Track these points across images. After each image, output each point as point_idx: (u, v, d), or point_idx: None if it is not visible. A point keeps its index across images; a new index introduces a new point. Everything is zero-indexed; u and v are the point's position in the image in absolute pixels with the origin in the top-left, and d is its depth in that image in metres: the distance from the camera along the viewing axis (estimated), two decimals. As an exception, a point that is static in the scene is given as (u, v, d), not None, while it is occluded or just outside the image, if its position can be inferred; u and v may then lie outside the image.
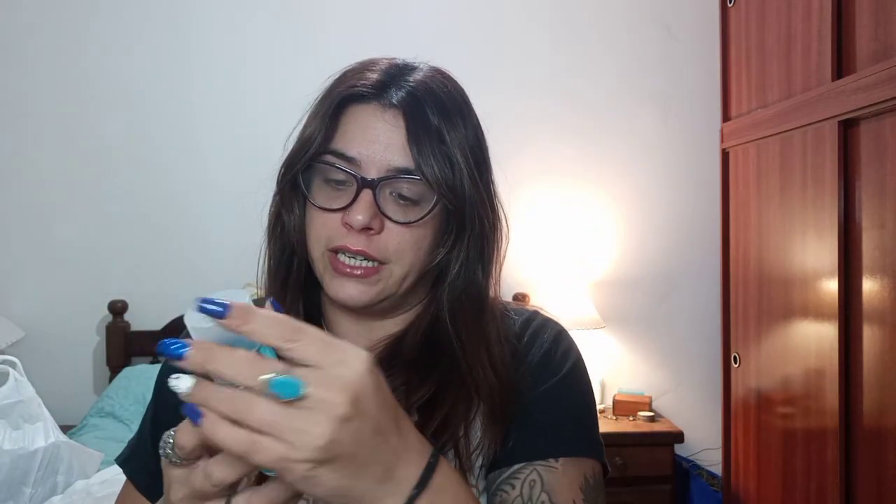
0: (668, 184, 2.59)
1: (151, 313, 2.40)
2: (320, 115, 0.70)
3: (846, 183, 1.63)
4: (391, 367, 0.71)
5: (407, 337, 0.74)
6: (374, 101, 0.69)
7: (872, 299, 1.55)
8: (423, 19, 2.52)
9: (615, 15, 2.59)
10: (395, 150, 0.68)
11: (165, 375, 0.79)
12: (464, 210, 0.70)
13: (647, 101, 2.59)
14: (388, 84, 0.70)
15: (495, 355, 0.70)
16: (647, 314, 2.54)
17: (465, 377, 0.70)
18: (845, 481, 1.63)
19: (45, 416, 1.66)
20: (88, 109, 2.45)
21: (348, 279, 0.68)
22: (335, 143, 0.69)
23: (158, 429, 0.77)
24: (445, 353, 0.71)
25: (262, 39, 2.46)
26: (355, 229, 0.67)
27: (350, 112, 0.69)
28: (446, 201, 0.69)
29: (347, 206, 0.67)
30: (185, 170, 2.44)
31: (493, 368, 0.70)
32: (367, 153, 0.68)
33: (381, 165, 0.68)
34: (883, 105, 1.48)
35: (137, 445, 0.80)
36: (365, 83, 0.70)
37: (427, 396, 0.68)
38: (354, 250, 0.67)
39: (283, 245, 0.74)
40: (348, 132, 0.69)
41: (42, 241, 2.44)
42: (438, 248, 0.72)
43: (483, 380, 0.69)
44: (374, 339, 0.75)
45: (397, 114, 0.68)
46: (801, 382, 1.83)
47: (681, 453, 2.42)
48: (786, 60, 1.89)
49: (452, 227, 0.71)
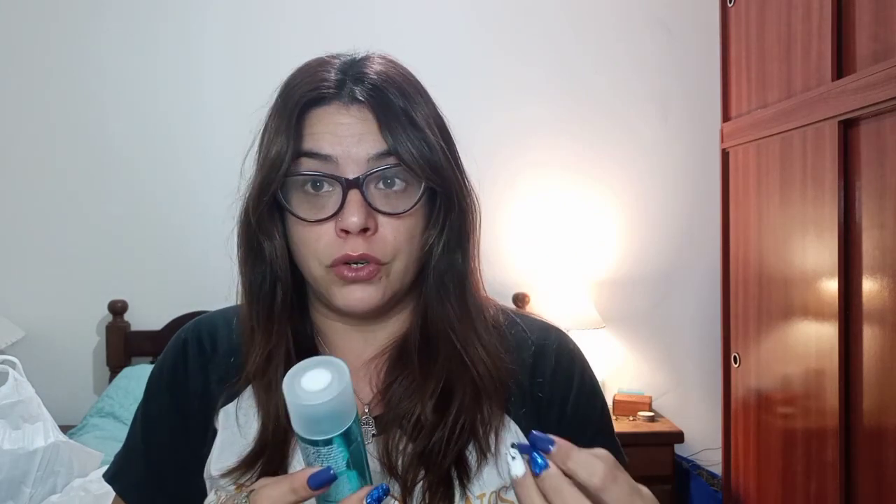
0: (668, 183, 2.59)
1: (151, 313, 2.40)
2: (283, 128, 0.66)
3: (846, 183, 1.63)
4: (400, 368, 0.71)
5: (409, 337, 0.73)
6: (335, 101, 0.67)
7: (872, 299, 1.55)
8: (422, 19, 2.52)
9: (615, 15, 2.59)
10: (368, 142, 0.66)
11: (158, 374, 0.78)
12: (448, 189, 0.69)
13: (647, 101, 2.59)
14: (345, 80, 0.68)
15: (482, 335, 0.71)
16: (647, 314, 2.54)
17: (465, 362, 0.70)
18: (845, 481, 1.63)
19: (44, 416, 1.66)
20: (89, 109, 2.46)
21: (354, 285, 0.67)
22: (306, 152, 0.66)
23: (150, 426, 0.76)
24: (443, 342, 0.71)
25: (268, 40, 2.46)
26: (353, 233, 0.65)
27: (313, 116, 0.67)
28: (432, 183, 0.68)
29: (337, 212, 0.65)
30: (185, 169, 2.44)
31: (483, 347, 0.70)
32: (341, 150, 0.65)
33: (359, 161, 0.66)
34: (883, 105, 1.48)
35: (126, 458, 0.78)
36: (322, 84, 0.68)
37: (438, 391, 0.68)
38: (356, 256, 0.65)
39: (263, 275, 0.71)
40: (316, 135, 0.66)
41: (42, 241, 2.44)
42: (429, 232, 0.71)
43: (478, 358, 0.70)
44: (377, 346, 0.75)
45: (362, 107, 0.67)
46: (801, 382, 1.83)
47: (681, 453, 2.42)
48: (786, 60, 1.89)
49: (440, 208, 0.70)
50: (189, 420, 0.74)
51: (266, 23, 2.49)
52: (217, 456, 0.71)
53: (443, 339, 0.71)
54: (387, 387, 0.71)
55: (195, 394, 0.75)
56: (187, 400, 0.75)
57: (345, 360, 0.75)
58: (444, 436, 0.66)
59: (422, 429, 0.67)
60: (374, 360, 0.74)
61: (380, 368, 0.73)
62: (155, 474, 0.75)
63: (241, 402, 0.73)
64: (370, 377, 0.73)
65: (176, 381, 0.76)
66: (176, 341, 0.78)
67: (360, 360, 0.75)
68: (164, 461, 0.75)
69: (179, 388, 0.75)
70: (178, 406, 0.75)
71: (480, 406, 0.68)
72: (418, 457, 0.66)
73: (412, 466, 0.65)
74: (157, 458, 0.75)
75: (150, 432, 0.76)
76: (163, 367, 0.78)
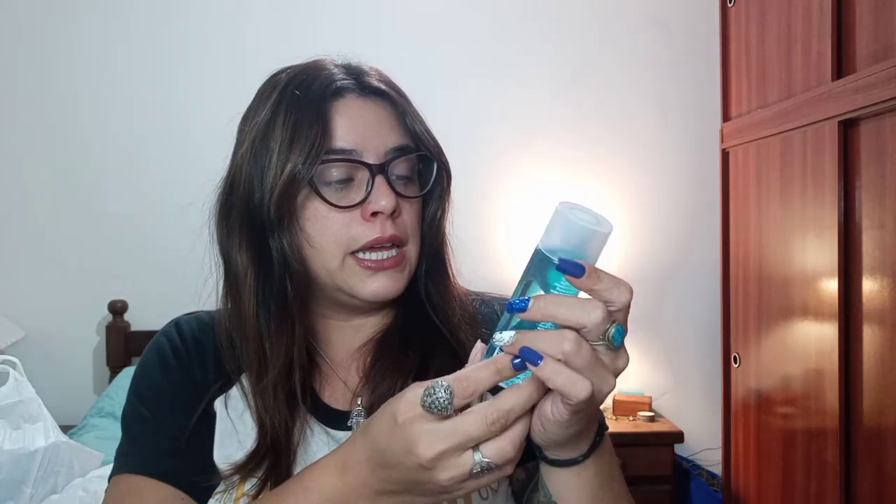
0: (668, 184, 2.59)
1: (151, 313, 2.40)
2: (305, 119, 0.67)
3: (846, 183, 1.63)
4: (383, 351, 0.74)
5: (394, 323, 0.76)
6: (350, 93, 0.70)
7: (872, 299, 1.55)
8: (421, 18, 2.52)
9: (615, 15, 2.59)
10: (386, 132, 0.69)
11: (145, 366, 0.75)
12: (449, 172, 0.74)
13: (647, 101, 2.59)
14: (355, 74, 0.72)
15: (458, 307, 0.74)
16: (647, 314, 2.54)
17: (443, 335, 0.72)
18: (845, 481, 1.63)
19: (45, 416, 1.66)
20: (89, 108, 2.45)
21: (381, 274, 0.69)
22: (330, 143, 0.68)
23: (150, 404, 0.72)
24: (422, 319, 0.74)
25: (260, 36, 2.46)
26: (385, 214, 0.67)
27: (332, 108, 0.69)
28: (444, 167, 0.73)
29: (365, 199, 0.67)
30: (185, 169, 2.44)
31: (460, 317, 0.73)
32: (362, 142, 0.68)
33: (379, 151, 0.69)
34: (883, 105, 1.48)
35: (131, 442, 0.72)
36: (337, 77, 0.70)
37: (415, 365, 0.71)
38: (388, 237, 0.68)
39: (269, 271, 0.70)
40: (337, 128, 0.68)
41: (42, 241, 2.43)
42: (435, 212, 0.75)
43: (457, 327, 0.73)
44: (366, 335, 0.77)
45: (376, 98, 0.71)
46: (801, 382, 1.83)
47: (681, 453, 2.42)
48: (786, 60, 1.89)
49: (443, 190, 0.75)
50: (186, 399, 0.72)
51: (263, 19, 2.49)
52: (218, 444, 0.71)
53: (422, 315, 0.74)
54: (370, 370, 0.73)
55: (190, 378, 0.74)
56: (183, 383, 0.73)
57: (336, 352, 0.77)
58: None
59: None
60: (362, 348, 0.76)
61: (367, 355, 0.75)
62: (170, 441, 0.70)
63: (229, 399, 0.73)
64: (357, 365, 0.75)
65: (168, 366, 0.74)
66: (163, 336, 0.78)
67: (350, 350, 0.77)
68: (175, 428, 0.71)
69: (173, 372, 0.74)
70: (173, 385, 0.73)
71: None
72: None
73: None
74: (169, 426, 0.71)
75: (153, 408, 0.72)
76: (145, 363, 0.76)
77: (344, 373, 0.76)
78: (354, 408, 0.73)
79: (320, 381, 0.76)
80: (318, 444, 0.71)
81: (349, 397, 0.75)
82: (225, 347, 0.74)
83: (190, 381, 0.74)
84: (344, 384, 0.76)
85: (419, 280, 0.75)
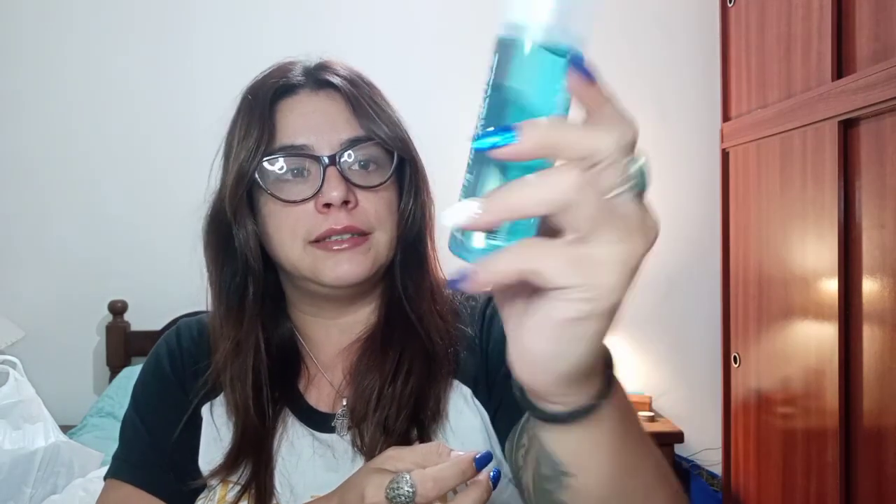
0: (668, 184, 2.59)
1: (151, 313, 2.40)
2: (255, 119, 0.70)
3: (846, 183, 1.63)
4: (366, 350, 0.74)
5: (380, 321, 0.76)
6: (302, 90, 0.72)
7: (872, 299, 1.55)
8: (420, 18, 2.52)
9: (614, 14, 2.59)
10: (339, 124, 0.70)
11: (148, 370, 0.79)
12: (415, 161, 0.74)
13: (646, 101, 2.59)
14: (311, 71, 0.73)
15: (436, 305, 0.74)
16: (647, 314, 2.54)
17: (418, 332, 0.72)
18: (845, 481, 1.63)
19: (45, 416, 1.66)
20: (88, 109, 2.45)
21: (340, 255, 0.69)
22: (279, 141, 0.69)
23: (144, 411, 0.76)
24: (401, 317, 0.74)
25: (260, 37, 2.46)
26: (335, 205, 0.67)
27: (284, 107, 0.71)
28: (404, 154, 0.72)
29: (318, 191, 0.68)
30: (185, 169, 2.43)
31: (438, 315, 0.73)
32: (315, 137, 0.69)
33: (333, 143, 0.69)
34: (883, 105, 1.48)
35: (127, 447, 0.76)
36: (289, 75, 0.72)
37: (394, 364, 0.71)
38: (340, 228, 0.68)
39: (234, 269, 0.74)
40: (288, 125, 0.70)
41: (42, 241, 2.43)
42: (405, 201, 0.74)
43: (432, 326, 0.72)
44: (353, 335, 0.77)
45: (329, 92, 0.71)
46: (801, 382, 1.83)
47: (681, 453, 2.42)
48: (786, 60, 1.89)
49: (412, 178, 0.74)
50: (179, 408, 0.75)
51: (268, 22, 2.49)
52: (203, 451, 0.73)
53: (401, 313, 0.74)
54: (353, 369, 0.74)
55: (182, 385, 0.76)
56: (176, 392, 0.76)
57: (324, 353, 0.78)
58: (396, 402, 0.69)
59: (380, 400, 0.70)
60: (349, 347, 0.77)
61: (353, 355, 0.76)
62: (158, 452, 0.74)
63: (214, 406, 0.75)
64: (343, 365, 0.76)
65: (163, 375, 0.77)
66: (163, 341, 0.80)
67: (336, 350, 0.77)
68: (164, 438, 0.74)
69: (168, 381, 0.77)
70: (168, 396, 0.76)
71: (431, 371, 0.71)
72: (380, 427, 0.69)
73: (375, 436, 0.68)
74: (159, 436, 0.74)
75: (146, 418, 0.76)
76: (144, 371, 0.79)
77: (330, 374, 0.77)
78: (339, 409, 0.74)
79: (307, 382, 0.77)
80: (302, 447, 0.72)
81: (335, 398, 0.75)
82: (213, 350, 0.75)
83: (182, 390, 0.76)
84: (330, 385, 0.76)
85: (396, 273, 0.75)
